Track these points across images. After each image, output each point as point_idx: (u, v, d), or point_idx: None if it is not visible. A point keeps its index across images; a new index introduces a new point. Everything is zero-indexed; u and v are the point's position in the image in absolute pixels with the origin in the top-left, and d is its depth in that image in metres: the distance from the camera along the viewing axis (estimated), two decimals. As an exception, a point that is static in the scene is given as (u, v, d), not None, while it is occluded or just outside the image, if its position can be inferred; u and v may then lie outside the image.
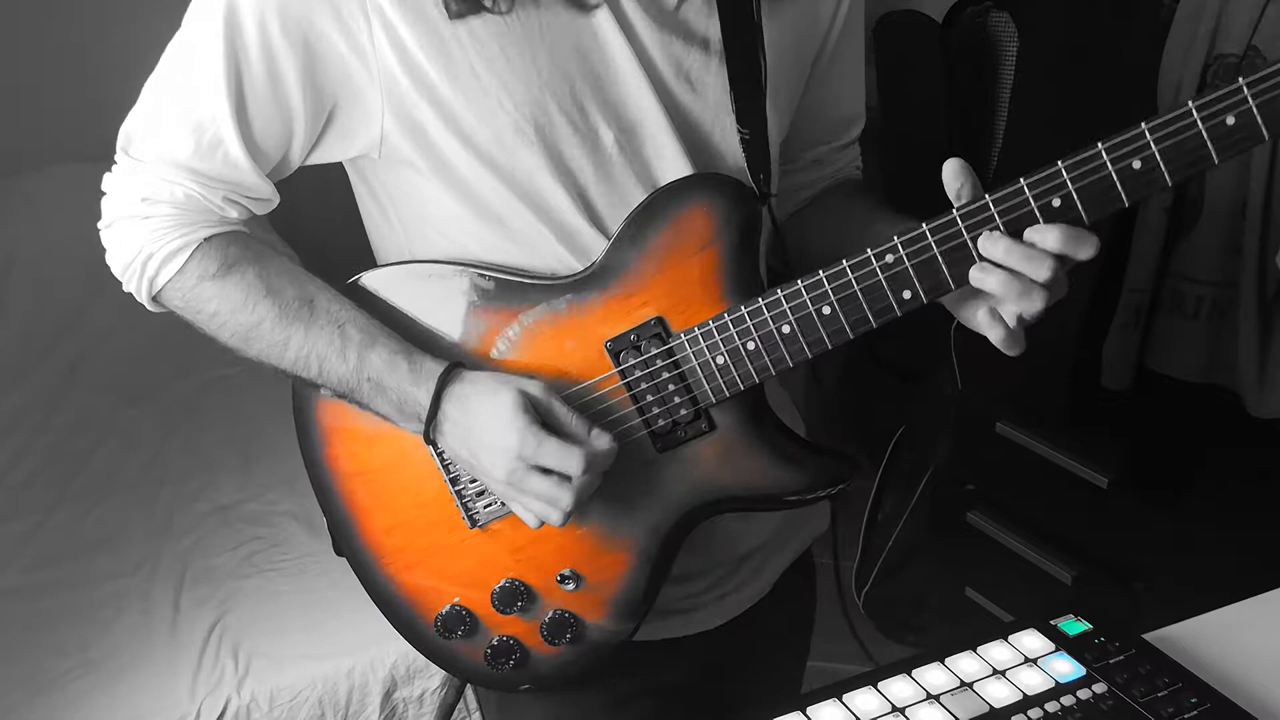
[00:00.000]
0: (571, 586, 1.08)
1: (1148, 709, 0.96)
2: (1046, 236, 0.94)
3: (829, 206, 1.23)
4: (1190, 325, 2.05)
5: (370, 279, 1.13)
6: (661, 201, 1.03)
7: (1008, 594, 2.31)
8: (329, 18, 0.98)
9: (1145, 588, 2.12)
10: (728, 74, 1.05)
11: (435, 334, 1.10)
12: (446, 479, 1.10)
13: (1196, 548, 2.07)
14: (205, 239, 1.07)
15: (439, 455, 1.09)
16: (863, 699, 0.98)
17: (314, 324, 1.08)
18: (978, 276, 0.96)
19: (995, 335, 0.99)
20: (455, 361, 1.06)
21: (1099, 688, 0.99)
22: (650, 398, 1.05)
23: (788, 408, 1.20)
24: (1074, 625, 1.06)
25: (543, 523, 1.04)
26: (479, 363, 1.07)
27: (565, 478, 1.00)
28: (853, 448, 3.13)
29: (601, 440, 1.01)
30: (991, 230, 0.96)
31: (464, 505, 1.10)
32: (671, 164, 1.04)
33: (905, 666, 1.02)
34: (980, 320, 1.00)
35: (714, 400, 1.04)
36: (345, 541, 1.14)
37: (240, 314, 1.08)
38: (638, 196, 1.04)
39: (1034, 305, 0.96)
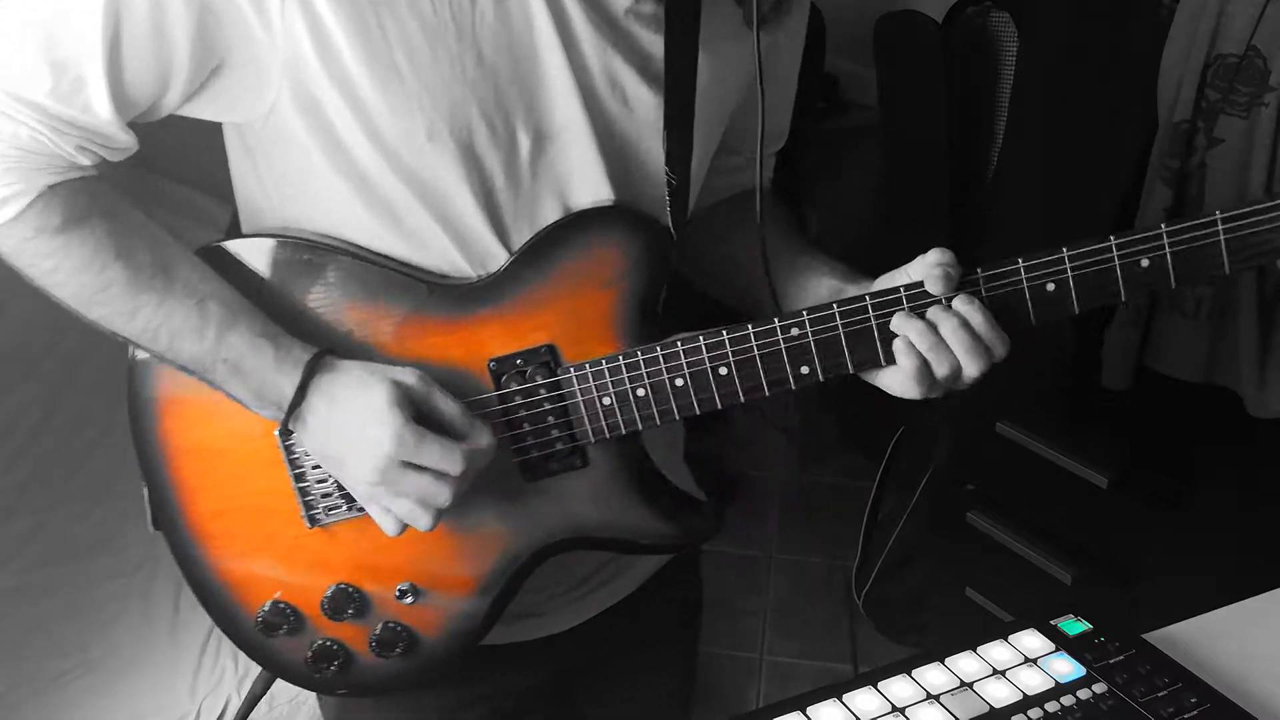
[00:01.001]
0: (409, 600, 1.03)
1: (1148, 709, 0.96)
2: (944, 324, 0.95)
3: (732, 222, 1.17)
4: (1190, 325, 2.05)
5: (237, 247, 1.01)
6: (576, 227, 0.98)
7: (1008, 594, 2.31)
8: None
9: (1145, 588, 2.12)
10: (664, 114, 0.99)
11: (306, 316, 0.99)
12: (291, 472, 1.02)
13: (1196, 548, 2.07)
14: (49, 186, 0.95)
15: (287, 446, 1.02)
16: (863, 699, 0.98)
17: (170, 294, 0.97)
18: (900, 347, 0.96)
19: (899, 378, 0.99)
20: (324, 349, 0.97)
21: (1099, 688, 0.98)
22: (527, 427, 1.00)
23: (671, 449, 1.16)
24: (1074, 625, 1.06)
25: (404, 529, 0.97)
26: (351, 351, 0.99)
27: (443, 474, 0.94)
28: (852, 449, 3.13)
29: (483, 435, 0.96)
30: (902, 310, 0.96)
31: (305, 503, 1.03)
32: (590, 181, 0.99)
33: (905, 666, 1.02)
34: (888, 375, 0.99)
35: (593, 440, 1.00)
36: (166, 519, 1.06)
37: (84, 274, 0.98)
38: (548, 208, 0.99)
39: (943, 368, 0.96)
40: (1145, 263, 0.91)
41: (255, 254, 1.02)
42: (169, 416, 1.05)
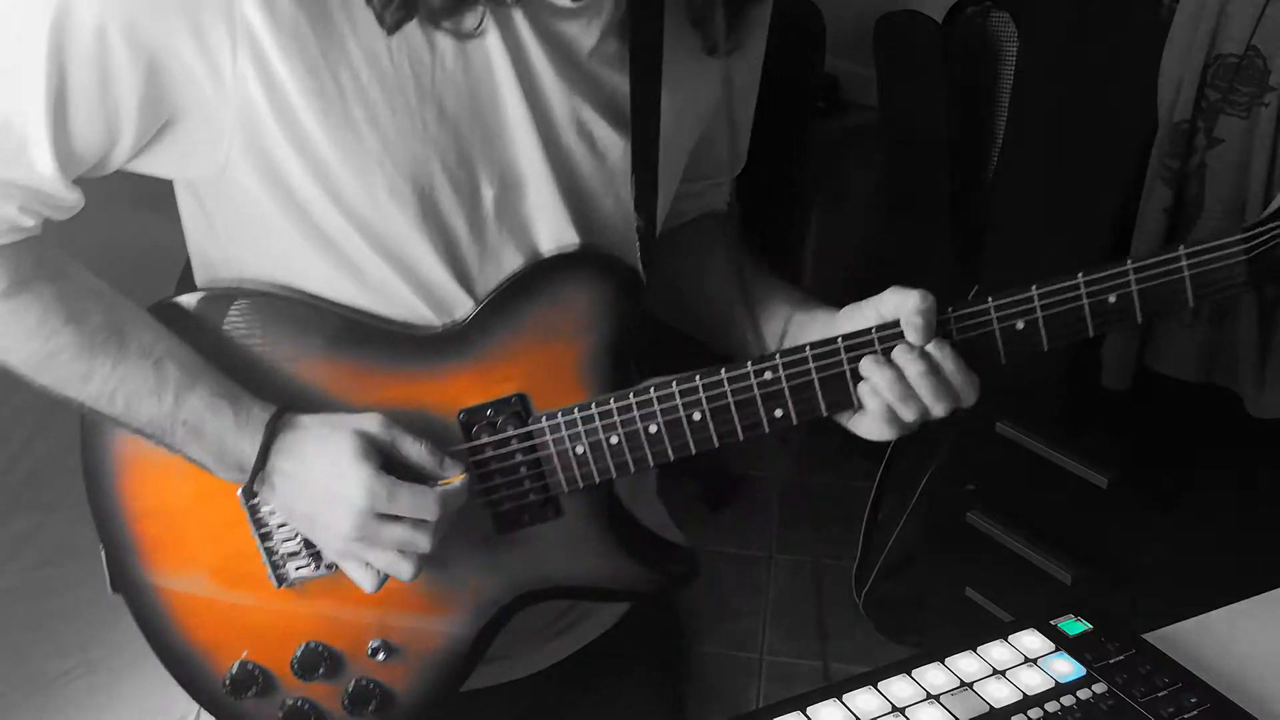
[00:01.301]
0: (382, 657, 1.01)
1: (1148, 709, 0.96)
2: (909, 368, 0.94)
3: (694, 247, 1.15)
4: (1190, 325, 2.05)
5: (190, 301, 0.98)
6: (542, 274, 0.96)
7: (1008, 594, 2.31)
8: (185, 34, 0.85)
9: (1145, 588, 2.12)
10: (631, 158, 0.97)
11: (265, 371, 0.96)
12: (256, 534, 0.99)
13: (1196, 548, 2.07)
14: None
15: (251, 508, 0.99)
16: (863, 699, 0.98)
17: (124, 357, 0.93)
18: (865, 390, 0.96)
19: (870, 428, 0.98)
20: (284, 406, 0.94)
21: (1099, 688, 0.98)
22: (499, 479, 0.98)
23: (641, 486, 1.14)
24: (1074, 625, 1.06)
25: (384, 583, 0.95)
26: (314, 405, 0.95)
27: (420, 521, 0.92)
28: (852, 450, 3.13)
29: (455, 474, 0.94)
30: (872, 352, 0.96)
31: (272, 563, 1.00)
32: (556, 226, 0.96)
33: (905, 666, 1.02)
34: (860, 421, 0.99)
35: (566, 490, 0.98)
36: (125, 581, 1.04)
37: (32, 341, 0.93)
38: (513, 255, 0.96)
39: (910, 414, 0.96)
40: (1112, 299, 0.91)
41: (211, 309, 0.98)
42: (127, 477, 1.01)
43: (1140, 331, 2.09)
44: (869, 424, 0.98)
